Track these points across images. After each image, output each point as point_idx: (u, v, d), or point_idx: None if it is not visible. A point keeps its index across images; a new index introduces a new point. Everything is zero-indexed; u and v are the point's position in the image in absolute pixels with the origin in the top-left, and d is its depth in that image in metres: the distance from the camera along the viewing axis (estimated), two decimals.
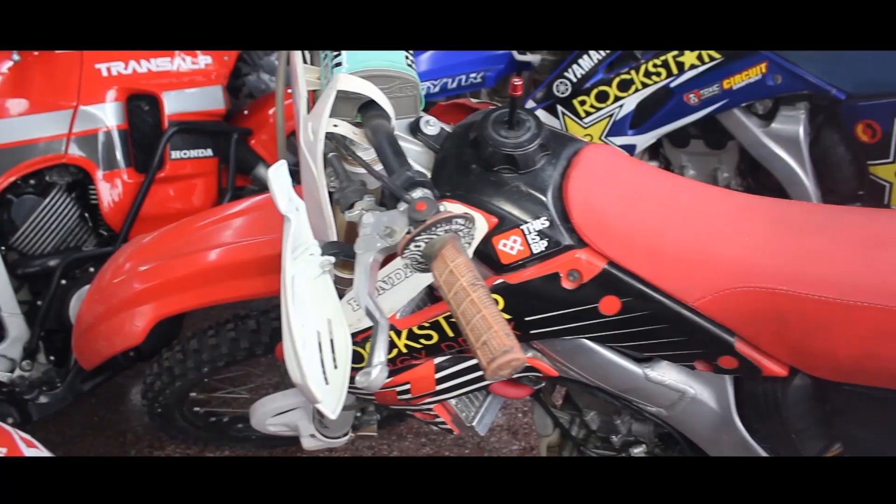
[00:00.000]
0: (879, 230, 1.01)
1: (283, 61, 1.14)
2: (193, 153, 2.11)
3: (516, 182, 1.04)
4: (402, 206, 0.86)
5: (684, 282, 1.02)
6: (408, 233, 0.83)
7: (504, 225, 1.03)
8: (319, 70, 1.07)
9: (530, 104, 1.90)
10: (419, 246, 0.82)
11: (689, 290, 1.02)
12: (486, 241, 1.04)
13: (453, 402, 1.29)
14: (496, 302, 1.05)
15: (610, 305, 1.04)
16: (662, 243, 1.04)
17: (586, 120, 1.85)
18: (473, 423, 1.33)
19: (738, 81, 1.72)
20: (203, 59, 2.12)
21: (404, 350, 1.15)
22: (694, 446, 1.24)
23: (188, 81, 2.09)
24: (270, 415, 1.68)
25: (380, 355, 0.81)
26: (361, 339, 1.15)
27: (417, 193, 0.87)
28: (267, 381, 2.05)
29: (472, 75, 1.95)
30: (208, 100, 2.12)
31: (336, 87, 0.94)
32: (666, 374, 1.13)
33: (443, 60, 1.95)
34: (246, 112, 2.32)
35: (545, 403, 1.41)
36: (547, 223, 1.03)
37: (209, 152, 2.13)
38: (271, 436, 1.82)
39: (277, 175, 0.86)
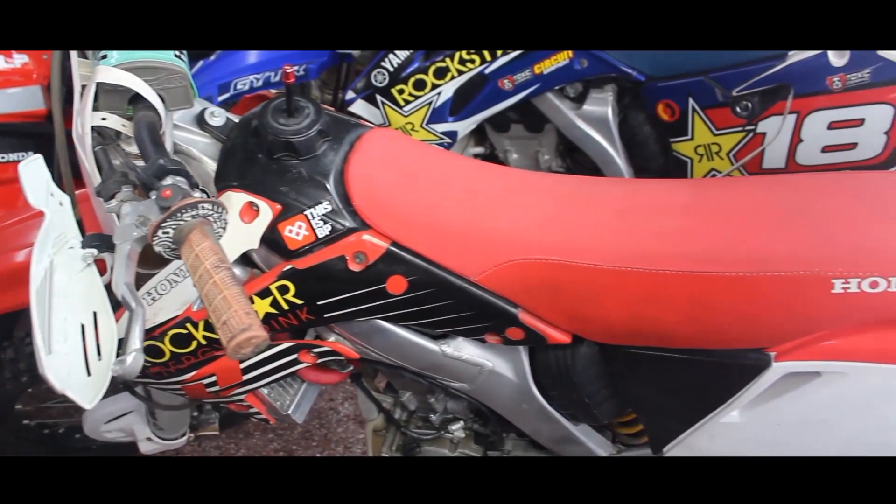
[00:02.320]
0: (638, 198, 1.08)
1: (55, 59, 1.12)
2: (13, 156, 2.03)
3: (298, 168, 1.06)
4: (154, 195, 0.87)
5: (465, 258, 1.06)
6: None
7: (288, 211, 1.05)
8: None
9: (350, 95, 1.91)
10: (167, 232, 0.83)
11: (471, 265, 1.06)
12: (273, 229, 1.06)
13: (265, 391, 1.29)
14: (243, 284, 1.07)
15: (397, 285, 1.07)
16: (443, 222, 1.07)
17: (406, 108, 1.87)
18: (289, 412, 1.33)
19: (547, 66, 1.78)
20: (19, 59, 2.04)
21: (204, 342, 1.15)
22: (503, 419, 1.28)
23: (3, 81, 2.01)
24: (103, 421, 1.64)
25: (134, 343, 0.81)
26: (159, 332, 1.14)
27: (168, 181, 0.87)
28: None
29: (295, 68, 1.94)
30: (27, 100, 2.04)
31: (95, 80, 0.94)
32: (462, 349, 1.16)
33: (265, 54, 1.94)
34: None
35: (366, 388, 1.42)
36: (330, 207, 1.05)
37: (31, 154, 2.05)
38: (112, 443, 1.77)
39: (28, 170, 0.85)
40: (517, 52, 1.78)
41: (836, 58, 1.58)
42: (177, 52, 1.02)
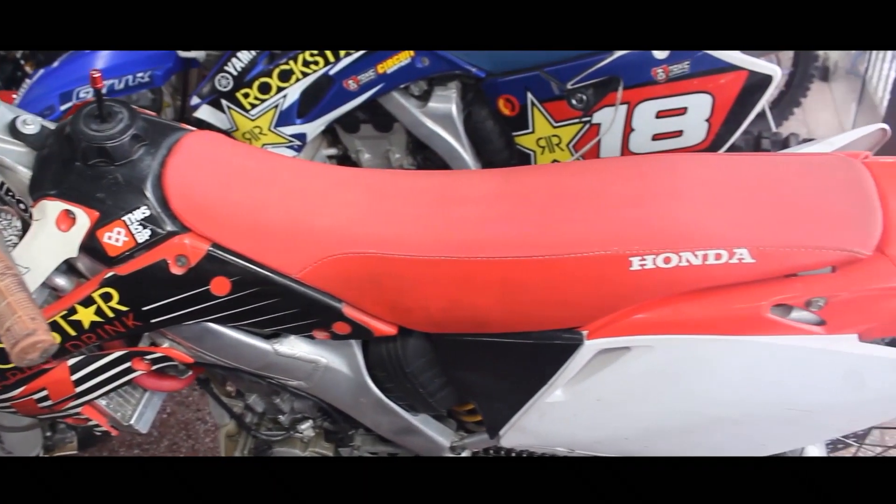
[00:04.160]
0: (453, 189, 1.12)
1: None
2: None
3: (114, 174, 1.05)
4: None
5: (286, 255, 1.07)
6: None
7: (106, 218, 1.04)
8: None
9: (195, 100, 1.90)
10: None
11: (292, 262, 1.07)
12: (92, 236, 1.05)
13: (104, 402, 1.27)
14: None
15: (220, 286, 1.07)
16: (262, 221, 1.08)
17: (253, 112, 1.87)
18: (132, 422, 1.31)
19: (390, 66, 1.81)
20: None
21: None
22: (346, 415, 1.30)
23: None
24: None
25: None
26: None
27: None
28: None
29: (140, 75, 1.92)
30: None
31: None
32: (295, 347, 1.17)
33: (109, 62, 1.91)
34: None
35: (215, 393, 1.42)
36: (148, 212, 1.05)
37: None
38: None
39: None
40: (360, 53, 1.80)
41: (659, 51, 1.66)
42: None
